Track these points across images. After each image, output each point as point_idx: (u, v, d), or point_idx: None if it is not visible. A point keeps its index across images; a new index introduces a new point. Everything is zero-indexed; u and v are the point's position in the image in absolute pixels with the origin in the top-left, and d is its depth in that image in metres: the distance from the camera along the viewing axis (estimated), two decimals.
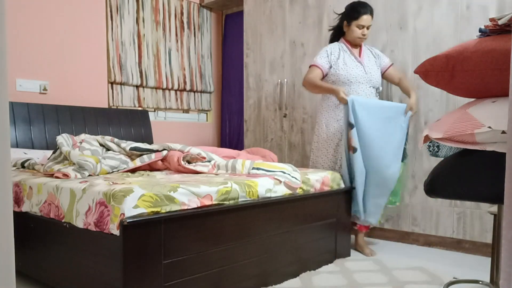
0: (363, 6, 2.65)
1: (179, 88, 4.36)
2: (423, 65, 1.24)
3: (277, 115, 3.72)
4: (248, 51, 3.94)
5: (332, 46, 2.78)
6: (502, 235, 0.81)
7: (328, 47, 2.78)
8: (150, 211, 1.56)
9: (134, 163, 2.36)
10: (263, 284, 2.03)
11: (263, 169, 2.22)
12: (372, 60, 2.79)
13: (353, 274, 2.25)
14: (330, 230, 2.46)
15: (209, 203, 1.78)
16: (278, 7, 3.68)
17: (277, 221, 2.09)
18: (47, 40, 3.36)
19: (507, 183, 0.79)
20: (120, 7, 3.84)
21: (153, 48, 4.13)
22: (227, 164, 2.32)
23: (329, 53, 2.74)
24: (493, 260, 1.86)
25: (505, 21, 1.09)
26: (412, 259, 2.59)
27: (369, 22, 2.66)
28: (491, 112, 1.10)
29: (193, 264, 1.70)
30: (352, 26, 2.69)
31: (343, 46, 2.78)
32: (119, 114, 3.71)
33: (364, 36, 2.70)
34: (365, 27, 2.67)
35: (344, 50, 2.76)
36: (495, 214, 1.79)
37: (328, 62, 2.73)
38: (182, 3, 4.39)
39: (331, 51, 2.75)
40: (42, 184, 1.94)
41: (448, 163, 1.24)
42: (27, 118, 3.10)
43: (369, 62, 2.77)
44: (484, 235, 2.64)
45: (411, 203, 2.93)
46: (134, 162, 2.37)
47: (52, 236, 1.85)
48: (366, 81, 2.72)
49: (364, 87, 2.72)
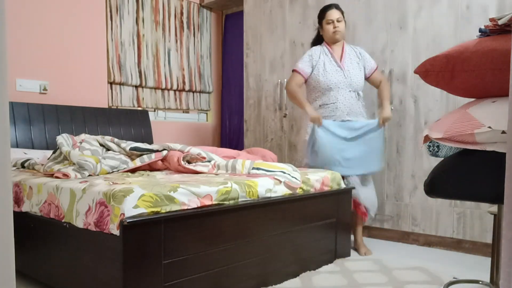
0: (327, 5, 2.81)
1: (178, 88, 4.36)
2: (423, 65, 1.24)
3: (277, 115, 3.72)
4: (248, 51, 3.94)
5: (314, 49, 2.84)
6: (502, 235, 0.81)
7: (311, 51, 2.84)
8: (150, 211, 1.56)
9: (134, 163, 2.36)
10: (263, 284, 2.03)
11: (263, 169, 2.22)
12: (354, 62, 2.80)
13: (353, 274, 2.25)
14: (330, 230, 2.46)
15: (209, 203, 1.78)
16: (278, 7, 3.68)
17: (277, 221, 2.09)
18: (47, 40, 3.36)
19: (507, 183, 0.79)
20: (120, 7, 3.84)
21: (153, 48, 4.13)
22: (227, 164, 2.32)
23: (312, 57, 2.80)
24: (493, 260, 1.86)
25: (505, 21, 1.09)
26: (412, 259, 2.59)
27: (336, 15, 2.75)
28: (491, 112, 1.10)
29: (193, 264, 1.70)
30: (324, 26, 2.79)
31: (325, 49, 2.82)
32: (119, 114, 3.71)
33: (336, 29, 2.75)
34: (334, 21, 2.75)
35: (325, 54, 2.80)
36: (495, 214, 1.79)
37: (310, 67, 2.79)
38: (182, 3, 4.39)
39: (314, 55, 2.81)
40: (42, 184, 1.94)
41: (448, 163, 1.24)
42: (27, 118, 3.10)
43: (351, 65, 2.78)
44: (484, 235, 2.64)
45: (411, 203, 2.93)
46: (134, 162, 2.37)
47: (52, 236, 1.85)
48: (346, 85, 2.74)
49: (343, 92, 2.74)
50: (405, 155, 2.95)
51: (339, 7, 2.78)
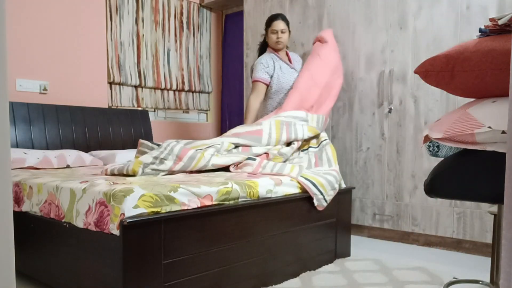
0: (275, 15, 2.98)
1: (178, 88, 4.36)
2: (423, 65, 1.24)
3: None
4: (248, 51, 3.94)
5: (264, 58, 2.98)
6: (502, 235, 0.81)
7: (261, 60, 2.96)
8: (150, 211, 1.56)
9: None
10: (263, 284, 2.03)
11: (310, 180, 2.28)
12: (300, 64, 3.09)
13: (353, 274, 2.26)
14: (330, 230, 2.46)
15: (209, 204, 1.78)
16: (278, 7, 3.68)
17: (277, 221, 2.09)
18: (47, 40, 3.36)
19: (507, 183, 0.79)
20: (120, 7, 3.84)
21: (152, 48, 4.13)
22: (274, 166, 2.36)
23: (266, 65, 2.93)
24: (493, 260, 1.86)
25: (505, 21, 1.09)
26: (412, 259, 2.59)
27: (281, 26, 2.94)
28: (491, 112, 1.10)
29: (193, 264, 1.70)
30: (269, 33, 3.00)
31: (274, 55, 2.99)
32: (119, 114, 3.71)
33: (279, 39, 2.94)
34: (278, 32, 2.93)
35: (276, 59, 2.98)
36: (495, 214, 1.79)
37: (267, 73, 2.92)
38: (182, 3, 4.39)
39: (266, 63, 2.94)
40: (42, 184, 1.94)
41: (448, 163, 1.24)
42: (27, 118, 3.10)
43: (299, 66, 3.07)
44: (484, 235, 2.64)
45: (411, 203, 2.93)
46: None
47: (52, 236, 1.85)
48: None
49: None
50: (405, 155, 2.95)
51: (286, 18, 2.97)
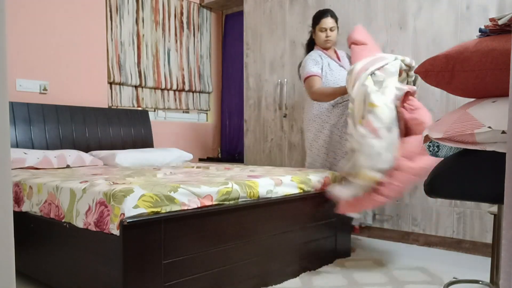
0: (323, 11, 2.81)
1: (178, 88, 4.36)
2: (423, 65, 1.24)
3: (277, 115, 3.71)
4: (248, 51, 3.94)
5: (312, 54, 2.82)
6: (502, 235, 0.81)
7: (310, 57, 2.80)
8: (150, 211, 1.56)
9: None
10: (263, 284, 2.03)
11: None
12: (347, 62, 2.91)
13: (353, 274, 2.25)
14: (330, 230, 2.46)
15: (209, 204, 1.78)
16: (278, 7, 3.68)
17: (277, 221, 2.09)
18: (47, 40, 3.36)
19: (507, 183, 0.79)
20: (120, 7, 3.84)
21: (152, 48, 4.13)
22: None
23: (315, 60, 2.77)
24: (493, 260, 1.86)
25: (505, 21, 1.09)
26: (412, 259, 2.59)
27: (330, 24, 2.77)
28: (491, 112, 1.10)
29: (193, 264, 1.70)
30: (316, 31, 2.82)
31: (321, 53, 2.84)
32: (119, 114, 3.71)
33: (328, 38, 2.79)
34: (327, 30, 2.78)
35: (324, 56, 2.82)
36: (495, 214, 1.79)
37: (319, 68, 2.77)
38: (182, 3, 4.39)
39: (315, 58, 2.78)
40: (42, 184, 1.94)
41: (448, 163, 1.24)
42: (27, 118, 3.10)
43: (347, 64, 2.90)
44: (484, 235, 2.64)
45: (411, 203, 2.93)
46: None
47: (52, 236, 1.85)
48: None
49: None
50: None
51: (334, 15, 2.81)
